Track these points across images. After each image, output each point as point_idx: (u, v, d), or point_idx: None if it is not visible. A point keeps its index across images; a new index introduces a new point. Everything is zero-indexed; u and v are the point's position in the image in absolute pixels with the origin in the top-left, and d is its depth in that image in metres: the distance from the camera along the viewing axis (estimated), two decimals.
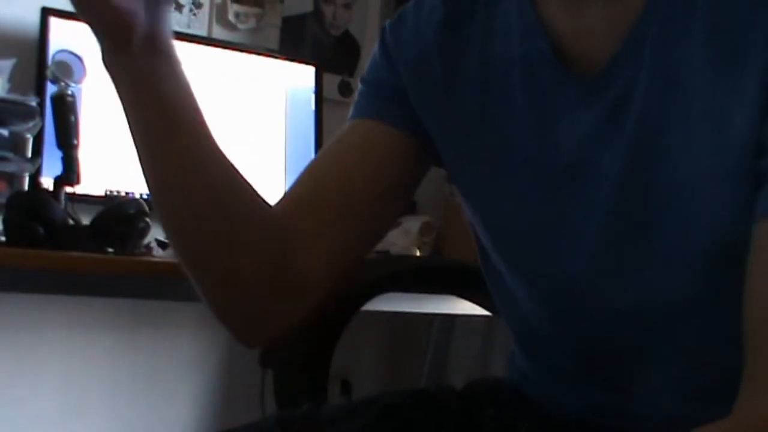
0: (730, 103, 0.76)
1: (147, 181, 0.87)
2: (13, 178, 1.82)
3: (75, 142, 1.75)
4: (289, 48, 2.57)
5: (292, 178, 2.32)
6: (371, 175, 0.93)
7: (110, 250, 1.62)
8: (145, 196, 2.04)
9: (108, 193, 2.02)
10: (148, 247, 1.73)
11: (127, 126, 0.84)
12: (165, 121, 0.83)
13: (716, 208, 0.78)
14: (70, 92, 1.77)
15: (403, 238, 2.16)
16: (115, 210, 1.64)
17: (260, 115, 2.29)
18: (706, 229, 0.79)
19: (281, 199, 0.94)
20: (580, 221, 0.85)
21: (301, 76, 2.38)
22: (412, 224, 2.21)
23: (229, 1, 2.47)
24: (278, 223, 0.89)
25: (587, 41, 0.83)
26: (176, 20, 2.36)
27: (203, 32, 2.42)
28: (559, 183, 0.86)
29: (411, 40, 0.94)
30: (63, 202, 1.73)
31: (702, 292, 0.79)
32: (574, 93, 0.84)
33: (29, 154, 1.84)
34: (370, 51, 0.99)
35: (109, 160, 2.04)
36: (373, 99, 0.97)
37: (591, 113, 0.83)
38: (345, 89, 2.73)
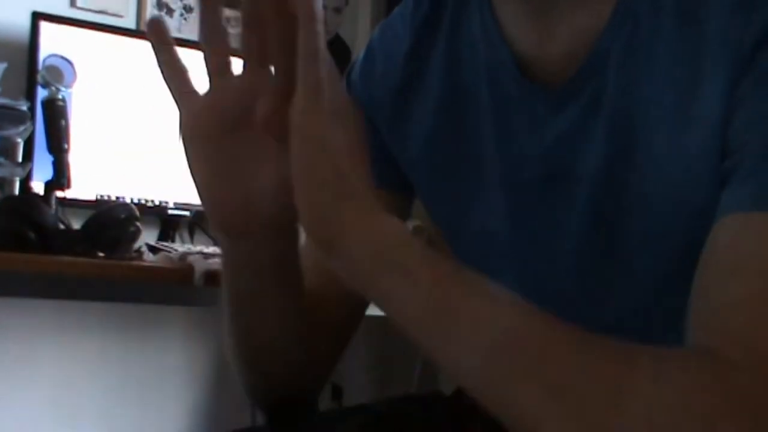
0: (697, 113, 0.75)
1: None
2: (3, 183, 1.82)
3: (66, 146, 1.75)
4: None
5: None
6: None
7: (101, 254, 1.61)
8: (135, 201, 2.04)
9: (99, 197, 2.02)
10: (139, 252, 1.73)
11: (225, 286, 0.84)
12: (275, 291, 0.83)
13: (690, 219, 0.77)
14: (60, 97, 1.77)
15: None
16: (105, 214, 1.64)
17: None
18: (680, 242, 0.78)
19: None
20: (555, 234, 0.85)
21: None
22: None
23: None
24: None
25: (552, 55, 0.82)
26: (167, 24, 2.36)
27: (194, 36, 2.41)
28: (531, 196, 0.86)
29: (382, 81, 0.93)
30: (54, 206, 1.73)
31: (684, 304, 0.79)
32: (540, 106, 0.83)
33: (20, 159, 1.84)
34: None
35: (99, 165, 2.04)
36: None
37: (559, 125, 0.82)
38: None
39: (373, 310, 0.82)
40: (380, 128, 0.94)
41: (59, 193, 1.76)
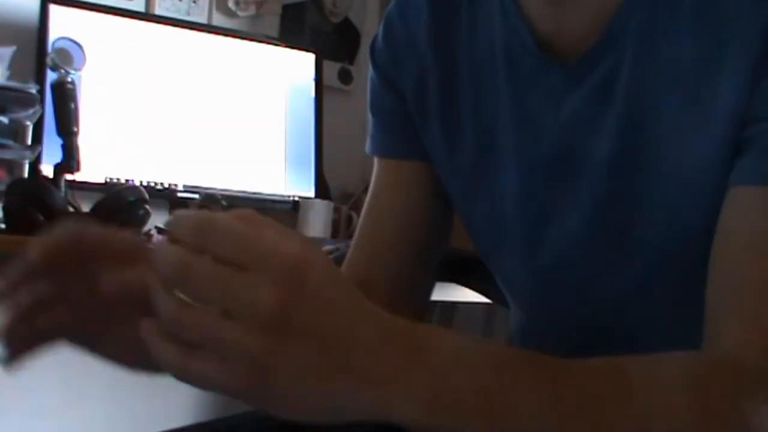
0: (716, 91, 0.75)
1: None
2: (13, 166, 1.82)
3: (75, 129, 1.75)
4: (289, 35, 2.57)
5: (292, 165, 2.32)
6: (415, 213, 0.98)
7: None
8: (144, 184, 2.04)
9: (108, 180, 2.02)
10: (148, 235, 1.73)
11: None
12: None
13: (702, 201, 0.77)
14: (69, 79, 1.76)
15: None
16: (115, 197, 1.64)
17: (261, 102, 2.28)
18: (693, 222, 0.78)
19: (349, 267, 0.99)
20: (567, 213, 0.85)
21: (302, 64, 2.38)
22: None
23: None
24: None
25: (570, 32, 0.82)
26: (176, 7, 2.36)
27: (203, 20, 2.41)
28: (544, 174, 0.85)
29: (405, 52, 0.94)
30: (63, 189, 1.73)
31: (696, 286, 0.78)
32: (557, 81, 0.83)
33: (29, 142, 1.84)
34: (370, 38, 1.00)
35: (109, 148, 2.04)
36: (387, 134, 0.99)
37: (574, 101, 0.82)
38: (345, 76, 2.73)
39: None
40: (409, 104, 0.94)
41: (68, 176, 1.76)
